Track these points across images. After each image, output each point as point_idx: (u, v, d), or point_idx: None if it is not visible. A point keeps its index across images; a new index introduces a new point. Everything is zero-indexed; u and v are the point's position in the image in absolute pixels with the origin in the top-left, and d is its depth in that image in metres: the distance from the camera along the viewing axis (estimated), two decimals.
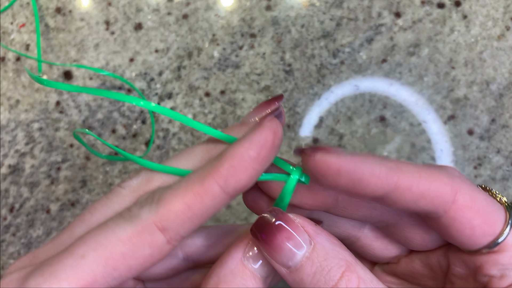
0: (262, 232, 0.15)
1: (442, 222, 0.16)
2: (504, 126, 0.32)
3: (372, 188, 0.15)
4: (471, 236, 0.16)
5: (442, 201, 0.15)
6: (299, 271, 0.15)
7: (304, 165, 0.16)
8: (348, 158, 0.15)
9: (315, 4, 0.34)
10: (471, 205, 0.16)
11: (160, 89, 0.34)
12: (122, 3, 0.35)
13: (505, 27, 0.33)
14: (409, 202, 0.15)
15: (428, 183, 0.15)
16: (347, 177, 0.15)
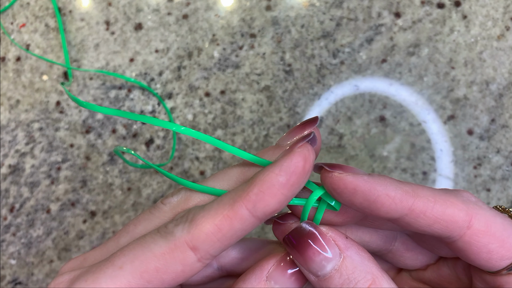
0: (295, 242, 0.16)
1: (458, 245, 0.16)
2: (504, 126, 0.32)
3: (386, 209, 0.16)
4: (488, 260, 0.16)
5: (457, 226, 0.16)
6: (327, 281, 0.16)
7: (322, 181, 0.16)
8: (364, 178, 0.15)
9: (315, 4, 0.34)
10: (487, 230, 0.16)
11: (160, 89, 0.34)
12: (122, 3, 0.35)
13: (505, 27, 0.33)
14: (424, 226, 0.16)
15: (443, 208, 0.16)
16: (362, 197, 0.15)
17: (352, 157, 0.33)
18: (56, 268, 0.33)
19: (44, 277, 0.33)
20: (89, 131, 0.34)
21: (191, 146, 0.33)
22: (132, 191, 0.33)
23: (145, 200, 0.33)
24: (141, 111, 0.34)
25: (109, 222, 0.33)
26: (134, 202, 0.33)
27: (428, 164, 0.32)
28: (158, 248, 0.15)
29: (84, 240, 0.33)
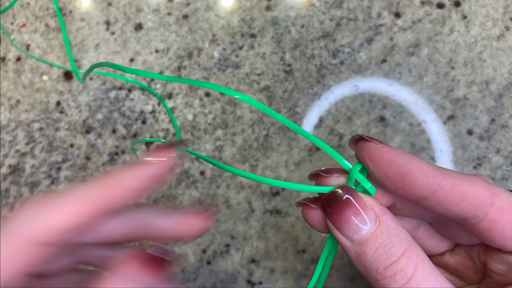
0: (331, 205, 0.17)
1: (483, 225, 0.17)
2: (504, 126, 0.32)
3: (418, 183, 0.16)
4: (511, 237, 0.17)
5: (482, 203, 0.17)
6: (362, 245, 0.17)
7: (359, 152, 0.17)
8: (399, 151, 0.16)
9: (315, 5, 0.34)
10: (509, 207, 0.17)
11: (160, 89, 0.34)
12: (122, 4, 0.35)
13: (505, 27, 0.33)
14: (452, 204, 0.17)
15: (469, 186, 0.17)
16: (397, 169, 0.16)
17: (352, 157, 0.33)
18: None
19: None
20: (89, 131, 0.34)
21: (191, 146, 0.33)
22: None
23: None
24: (141, 111, 0.34)
25: None
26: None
27: None
28: None
29: None
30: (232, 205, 0.33)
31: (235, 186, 0.33)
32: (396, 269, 0.16)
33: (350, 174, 0.18)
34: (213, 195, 0.33)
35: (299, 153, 0.33)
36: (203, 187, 0.33)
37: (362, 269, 0.17)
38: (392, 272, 0.16)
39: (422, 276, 0.16)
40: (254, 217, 0.33)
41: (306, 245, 0.33)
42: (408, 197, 0.17)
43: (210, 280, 0.33)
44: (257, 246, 0.33)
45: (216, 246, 0.33)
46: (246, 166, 0.33)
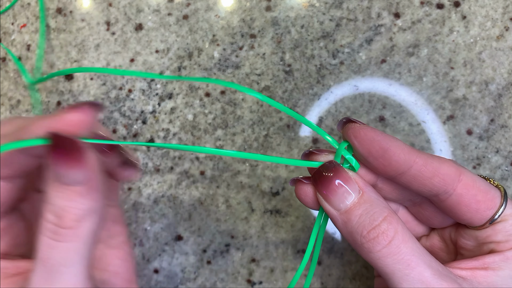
0: (320, 178, 0.19)
1: (453, 200, 0.19)
2: (503, 126, 0.32)
3: (396, 158, 0.18)
4: (477, 210, 0.19)
5: (451, 179, 0.19)
6: (348, 213, 0.19)
7: (345, 132, 0.19)
8: (380, 132, 0.19)
9: (314, 5, 0.34)
10: (473, 184, 0.19)
11: (160, 89, 0.34)
12: (122, 4, 0.35)
13: (504, 28, 0.33)
14: (425, 179, 0.19)
15: (439, 164, 0.19)
16: (378, 145, 0.18)
17: None
18: None
19: None
20: None
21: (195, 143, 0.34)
22: (132, 191, 0.34)
23: (146, 200, 0.33)
24: (142, 111, 0.34)
25: None
26: (135, 202, 0.33)
27: None
28: None
29: None
30: (232, 205, 0.33)
31: (235, 186, 0.33)
32: (378, 232, 0.18)
33: (337, 151, 0.20)
34: (213, 194, 0.33)
35: (299, 153, 0.33)
36: (203, 187, 0.33)
37: (349, 236, 0.19)
38: (375, 234, 0.18)
39: (402, 239, 0.18)
40: (254, 216, 0.33)
41: (306, 245, 0.33)
42: (388, 172, 0.19)
43: (210, 280, 0.33)
44: (257, 246, 0.33)
45: (216, 246, 0.33)
46: (246, 166, 0.33)
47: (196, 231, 0.33)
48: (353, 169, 0.20)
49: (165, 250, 0.33)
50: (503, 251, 0.19)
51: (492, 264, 0.19)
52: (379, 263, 0.18)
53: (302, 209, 0.33)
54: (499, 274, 0.19)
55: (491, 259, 0.19)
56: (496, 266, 0.19)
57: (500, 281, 0.19)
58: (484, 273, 0.19)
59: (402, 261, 0.18)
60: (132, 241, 0.33)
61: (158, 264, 0.33)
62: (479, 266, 0.19)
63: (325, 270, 0.32)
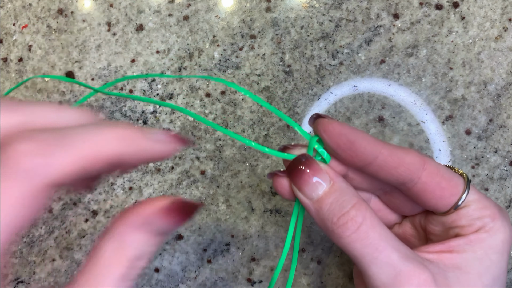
0: (294, 170, 0.20)
1: (418, 188, 0.20)
2: (502, 126, 0.32)
3: (362, 150, 0.20)
4: (442, 197, 0.20)
5: (416, 168, 0.20)
6: (319, 201, 0.20)
7: (316, 127, 0.21)
8: (347, 125, 0.20)
9: (314, 6, 0.34)
10: (437, 172, 0.20)
11: (161, 90, 0.34)
12: (123, 5, 0.35)
13: (503, 28, 0.33)
14: (391, 168, 0.20)
15: (404, 154, 0.20)
16: (345, 138, 0.20)
17: None
18: (58, 267, 0.33)
19: (46, 276, 0.33)
20: None
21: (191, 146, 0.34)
22: (133, 191, 0.34)
23: None
24: (143, 111, 0.34)
25: (111, 222, 0.34)
26: (136, 201, 0.34)
27: None
28: None
29: (85, 239, 0.34)
30: (232, 205, 0.33)
31: (235, 185, 0.33)
32: (348, 218, 0.19)
33: (309, 144, 0.21)
34: (213, 194, 0.33)
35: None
36: (204, 187, 0.33)
37: (321, 223, 0.20)
38: (344, 220, 0.19)
39: (370, 224, 0.19)
40: (254, 216, 0.33)
41: (306, 244, 0.33)
42: (356, 163, 0.20)
43: (211, 279, 0.33)
44: (257, 245, 0.33)
45: (217, 245, 0.33)
46: (246, 166, 0.33)
47: (197, 230, 0.33)
48: (324, 161, 0.21)
49: (165, 249, 0.33)
50: (467, 234, 0.20)
51: (457, 247, 0.20)
52: (349, 248, 0.19)
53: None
54: (463, 256, 0.20)
55: (456, 243, 0.20)
56: (461, 249, 0.20)
57: (464, 263, 0.20)
58: (449, 255, 0.20)
59: (370, 245, 0.19)
60: None
61: (159, 263, 0.33)
62: (445, 249, 0.20)
63: (324, 269, 0.32)
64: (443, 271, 0.19)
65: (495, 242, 0.20)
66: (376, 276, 0.19)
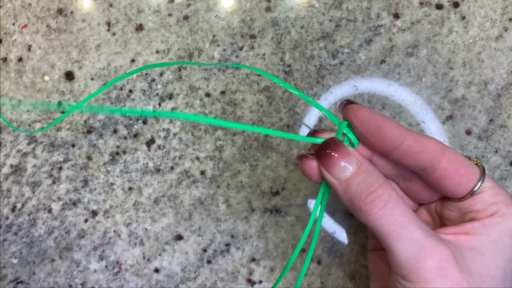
0: (323, 152, 0.22)
1: (438, 174, 0.22)
2: (502, 126, 0.32)
3: (389, 135, 0.21)
4: (460, 182, 0.22)
5: (437, 154, 0.21)
6: (347, 182, 0.21)
7: (346, 112, 0.22)
8: (376, 111, 0.22)
9: (314, 6, 0.34)
10: (456, 159, 0.22)
11: (161, 90, 0.34)
12: (123, 4, 0.35)
13: (503, 28, 0.33)
14: (415, 153, 0.21)
15: (427, 140, 0.22)
16: (374, 123, 0.21)
17: None
18: (58, 267, 0.33)
19: (45, 276, 0.33)
20: (91, 131, 0.34)
21: (192, 146, 0.34)
22: (133, 191, 0.34)
23: (146, 200, 0.34)
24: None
25: (110, 222, 0.34)
26: (135, 201, 0.34)
27: None
28: None
29: (85, 239, 0.33)
30: (232, 205, 0.33)
31: (235, 185, 0.33)
32: (375, 196, 0.21)
33: (338, 129, 0.23)
34: (213, 194, 0.33)
35: (299, 153, 0.33)
36: (204, 187, 0.33)
37: (349, 202, 0.22)
38: (372, 198, 0.21)
39: (395, 203, 0.21)
40: (254, 216, 0.33)
41: (306, 244, 0.33)
42: (382, 147, 0.22)
43: (211, 279, 0.33)
44: (257, 245, 0.33)
45: (217, 245, 0.33)
46: (246, 166, 0.33)
47: (197, 230, 0.33)
48: (352, 145, 0.23)
49: (165, 250, 0.33)
50: (482, 218, 0.22)
51: (472, 230, 0.21)
52: (376, 224, 0.21)
53: (302, 208, 0.33)
54: (478, 238, 0.21)
55: (472, 226, 0.22)
56: (476, 232, 0.21)
57: (479, 244, 0.21)
58: (466, 237, 0.21)
59: (396, 222, 0.20)
60: (133, 240, 0.33)
61: (159, 263, 0.33)
62: (461, 231, 0.22)
63: (324, 270, 0.32)
64: (460, 251, 0.21)
65: (508, 226, 0.21)
66: (401, 252, 0.20)
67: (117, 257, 0.33)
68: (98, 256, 0.33)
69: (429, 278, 0.20)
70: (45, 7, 0.36)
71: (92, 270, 0.33)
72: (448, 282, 0.20)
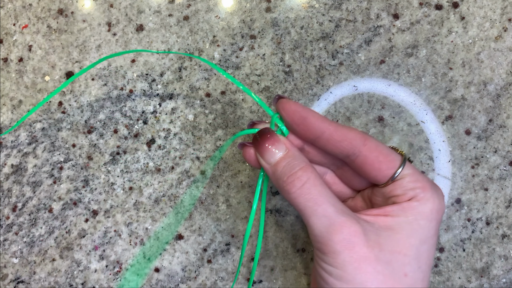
0: (258, 140, 0.25)
1: (360, 160, 0.24)
2: (502, 126, 0.32)
3: (312, 125, 0.24)
4: (380, 169, 0.24)
5: (357, 143, 0.24)
6: (275, 165, 0.24)
7: (277, 106, 0.25)
8: (301, 105, 0.25)
9: (314, 6, 0.34)
10: (376, 148, 0.24)
11: (161, 90, 0.34)
12: (123, 5, 0.35)
13: (502, 28, 0.33)
14: (336, 142, 0.24)
15: (347, 130, 0.24)
16: (299, 114, 0.24)
17: None
18: (58, 267, 0.33)
19: (46, 276, 0.33)
20: (91, 131, 0.34)
21: (192, 146, 0.34)
22: (133, 190, 0.34)
23: (147, 200, 0.34)
24: (143, 111, 0.34)
25: (111, 221, 0.34)
26: (136, 201, 0.34)
27: (426, 163, 0.33)
28: None
29: (86, 239, 0.34)
30: (233, 205, 0.33)
31: (235, 185, 0.33)
32: (295, 177, 0.23)
33: (271, 120, 0.26)
34: (213, 194, 0.33)
35: None
36: (204, 187, 0.33)
37: (276, 183, 0.24)
38: (292, 179, 0.23)
39: (313, 183, 0.23)
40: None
41: (306, 244, 0.33)
42: (308, 136, 0.25)
43: (211, 279, 0.33)
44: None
45: (217, 245, 0.33)
46: (246, 166, 0.33)
47: (197, 230, 0.33)
48: (283, 134, 0.26)
49: (166, 249, 0.33)
50: (401, 202, 0.24)
51: (391, 212, 0.24)
52: (295, 202, 0.23)
53: None
54: (396, 219, 0.23)
55: (391, 208, 0.24)
56: (394, 214, 0.24)
57: (396, 225, 0.23)
58: (384, 218, 0.24)
59: (311, 200, 0.23)
60: (133, 240, 0.33)
61: (159, 263, 0.33)
62: (381, 213, 0.24)
63: None
64: (376, 230, 0.23)
65: (424, 210, 0.23)
66: (314, 226, 0.23)
67: (118, 257, 0.33)
68: (99, 256, 0.33)
69: (337, 250, 0.22)
70: (45, 7, 0.36)
71: (93, 269, 0.33)
72: (356, 254, 0.22)
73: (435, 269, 0.32)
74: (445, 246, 0.32)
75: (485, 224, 0.32)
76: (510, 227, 0.32)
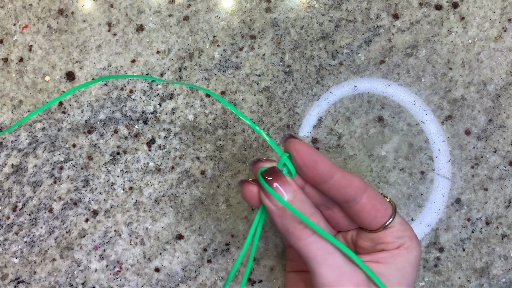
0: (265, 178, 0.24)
1: (359, 207, 0.25)
2: (501, 126, 0.32)
3: (322, 169, 0.24)
4: (376, 216, 0.25)
5: (360, 190, 0.24)
6: (284, 208, 0.24)
7: (287, 145, 0.25)
8: (313, 148, 0.24)
9: (314, 6, 0.34)
10: (375, 196, 0.25)
11: (161, 90, 0.34)
12: (124, 5, 0.35)
13: (502, 28, 0.33)
14: (342, 187, 0.24)
15: (352, 177, 0.25)
16: (311, 157, 0.24)
17: (351, 156, 0.33)
18: (58, 267, 0.34)
19: (46, 276, 0.34)
20: (91, 131, 0.34)
21: (192, 146, 0.34)
22: (133, 190, 0.34)
23: (147, 200, 0.34)
24: (143, 111, 0.34)
25: (111, 221, 0.34)
26: (136, 201, 0.34)
27: (426, 163, 0.33)
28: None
29: (86, 239, 0.34)
30: (233, 204, 0.33)
31: (236, 185, 0.33)
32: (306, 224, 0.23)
33: (280, 159, 0.25)
34: (213, 194, 0.33)
35: None
36: (204, 186, 0.34)
37: (283, 227, 0.24)
38: (304, 225, 0.23)
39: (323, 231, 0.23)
40: (253, 216, 0.33)
41: None
42: (315, 179, 0.24)
43: (211, 278, 0.33)
44: (257, 245, 0.33)
45: (217, 245, 0.33)
46: (246, 166, 0.33)
47: (197, 230, 0.33)
48: (290, 175, 0.25)
49: (166, 249, 0.33)
50: (391, 249, 0.25)
51: (382, 259, 0.25)
52: (306, 249, 0.23)
53: None
54: (387, 266, 0.24)
55: (382, 255, 0.25)
56: (385, 261, 0.25)
57: (387, 272, 0.24)
58: (376, 265, 0.24)
59: (323, 248, 0.23)
60: (133, 240, 0.34)
61: (159, 262, 0.33)
62: (373, 260, 0.25)
63: None
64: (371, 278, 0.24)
65: (411, 258, 0.25)
66: (324, 275, 0.23)
67: (118, 257, 0.33)
68: (99, 256, 0.33)
69: None
70: (46, 7, 0.36)
71: (93, 269, 0.33)
72: None
73: (435, 269, 0.33)
74: (445, 246, 0.32)
75: (485, 224, 0.32)
76: (510, 227, 0.32)
